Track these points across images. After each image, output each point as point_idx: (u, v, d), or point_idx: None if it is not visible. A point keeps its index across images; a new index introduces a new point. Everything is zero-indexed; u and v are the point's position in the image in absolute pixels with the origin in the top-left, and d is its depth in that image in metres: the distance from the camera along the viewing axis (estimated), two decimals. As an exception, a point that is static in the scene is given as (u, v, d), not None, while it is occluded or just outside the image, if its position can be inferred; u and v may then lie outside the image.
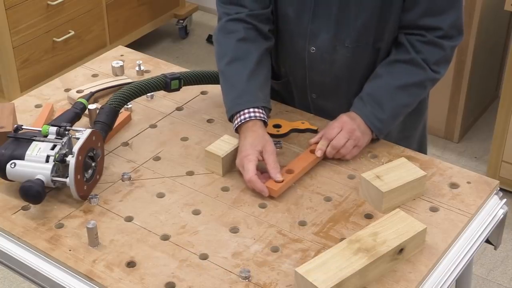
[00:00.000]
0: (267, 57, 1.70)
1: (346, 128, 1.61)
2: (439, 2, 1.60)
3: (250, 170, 1.52)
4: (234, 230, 1.46)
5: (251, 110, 1.60)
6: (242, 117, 1.60)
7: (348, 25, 1.64)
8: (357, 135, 1.61)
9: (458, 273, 1.43)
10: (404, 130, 1.82)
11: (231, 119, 1.64)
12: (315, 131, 1.72)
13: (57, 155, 1.48)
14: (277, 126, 1.73)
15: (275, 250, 1.41)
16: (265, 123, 1.62)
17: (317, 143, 1.64)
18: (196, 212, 1.50)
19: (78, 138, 1.50)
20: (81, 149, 1.47)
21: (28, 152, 1.50)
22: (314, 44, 1.69)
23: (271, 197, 1.54)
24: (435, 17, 1.61)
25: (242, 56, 1.65)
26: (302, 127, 1.73)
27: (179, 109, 1.84)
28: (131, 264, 1.38)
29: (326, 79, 1.74)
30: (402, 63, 1.64)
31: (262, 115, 1.61)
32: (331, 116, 1.69)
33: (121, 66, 1.96)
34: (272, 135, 1.69)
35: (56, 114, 1.74)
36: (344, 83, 1.73)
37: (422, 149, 1.89)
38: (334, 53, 1.69)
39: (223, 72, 1.68)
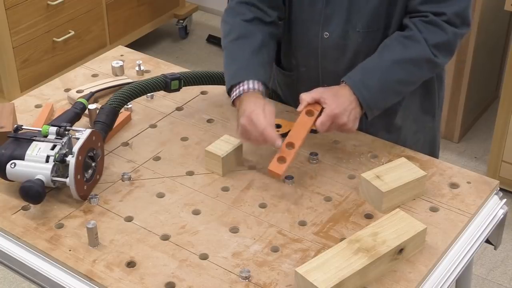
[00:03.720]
0: (272, 41, 1.73)
1: (336, 123, 1.56)
2: None
3: (261, 121, 1.52)
4: (234, 230, 1.46)
5: (251, 82, 1.61)
6: (242, 88, 1.61)
7: (359, 9, 1.65)
8: (347, 127, 1.58)
9: (458, 273, 1.43)
10: (417, 132, 1.82)
11: (229, 92, 1.65)
12: (315, 131, 1.72)
13: (57, 155, 1.48)
14: (277, 126, 1.73)
15: (275, 250, 1.41)
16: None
17: (307, 105, 1.60)
18: (196, 212, 1.50)
19: (78, 138, 1.50)
20: (81, 149, 1.47)
21: (28, 152, 1.50)
22: (327, 29, 1.69)
23: (271, 196, 1.54)
24: (437, 3, 1.60)
25: (248, 35, 1.69)
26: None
27: (179, 109, 1.84)
28: (131, 264, 1.38)
29: (339, 67, 1.74)
30: (401, 38, 1.63)
31: (261, 89, 1.62)
32: None
33: (121, 66, 1.96)
34: None
35: (56, 114, 1.74)
36: None
37: (434, 155, 1.86)
38: (347, 39, 1.69)
39: (226, 48, 1.71)
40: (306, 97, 1.58)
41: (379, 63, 1.62)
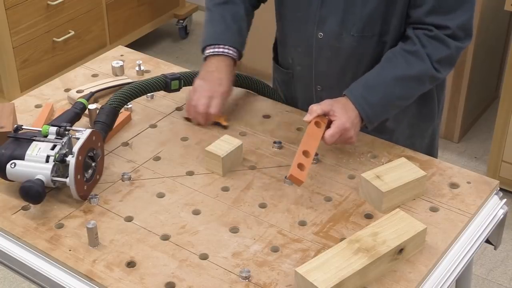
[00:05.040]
0: (251, 16, 1.84)
1: (344, 136, 1.58)
2: (448, 0, 1.60)
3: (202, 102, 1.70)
4: (234, 230, 1.46)
5: (227, 47, 1.74)
6: (218, 49, 1.74)
7: (355, 13, 1.65)
8: (352, 141, 1.61)
9: (458, 273, 1.43)
10: (412, 137, 1.82)
11: (203, 50, 1.76)
12: (226, 127, 1.75)
13: (57, 155, 1.48)
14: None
15: (275, 250, 1.41)
16: (234, 62, 1.76)
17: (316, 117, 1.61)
18: (196, 212, 1.50)
19: (78, 138, 1.50)
20: (81, 149, 1.47)
21: (28, 152, 1.50)
22: (322, 29, 1.70)
23: (271, 196, 1.54)
24: (443, 15, 1.61)
25: (233, 2, 1.79)
26: (218, 120, 1.75)
27: (179, 109, 1.84)
28: (131, 264, 1.38)
29: (332, 69, 1.75)
30: (405, 53, 1.64)
31: (234, 54, 1.75)
32: None
33: (121, 66, 1.96)
34: (187, 119, 1.78)
35: (56, 114, 1.74)
36: (349, 74, 1.73)
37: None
38: (341, 41, 1.70)
39: (210, 9, 1.82)
40: (316, 109, 1.58)
41: (382, 79, 1.64)
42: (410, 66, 1.63)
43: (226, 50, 1.73)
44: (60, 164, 1.49)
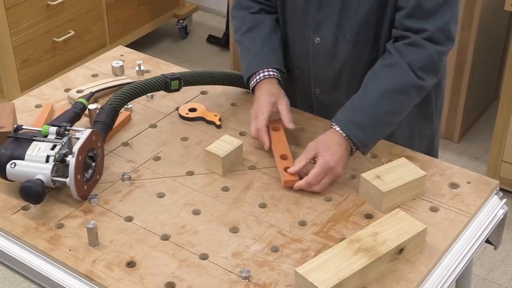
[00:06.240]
0: (279, 26, 1.81)
1: (330, 175, 1.55)
2: (427, 4, 1.57)
3: (261, 120, 1.65)
4: (234, 230, 1.46)
5: (265, 70, 1.73)
6: (257, 77, 1.73)
7: (350, 18, 1.65)
8: (339, 177, 1.57)
9: (458, 273, 1.43)
10: (411, 138, 1.81)
11: (248, 83, 1.76)
12: (219, 126, 1.76)
13: (57, 155, 1.48)
14: (192, 110, 1.80)
15: (275, 250, 1.41)
16: (279, 82, 1.74)
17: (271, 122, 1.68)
18: (196, 212, 1.50)
19: (78, 138, 1.50)
20: (81, 149, 1.47)
21: (28, 152, 1.50)
22: (318, 34, 1.71)
23: (271, 196, 1.54)
24: (421, 19, 1.58)
25: (257, 25, 1.79)
26: (212, 119, 1.77)
27: (179, 109, 1.84)
28: (131, 264, 1.38)
29: (329, 73, 1.75)
30: (384, 67, 1.61)
31: (276, 74, 1.73)
32: (332, 112, 1.68)
33: (121, 66, 1.96)
34: (181, 117, 1.78)
35: (56, 114, 1.74)
36: (346, 78, 1.74)
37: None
38: (336, 46, 1.70)
39: (239, 41, 1.82)
40: (300, 161, 1.56)
41: (366, 98, 1.60)
42: (391, 79, 1.60)
43: (265, 73, 1.72)
44: (60, 164, 1.49)
